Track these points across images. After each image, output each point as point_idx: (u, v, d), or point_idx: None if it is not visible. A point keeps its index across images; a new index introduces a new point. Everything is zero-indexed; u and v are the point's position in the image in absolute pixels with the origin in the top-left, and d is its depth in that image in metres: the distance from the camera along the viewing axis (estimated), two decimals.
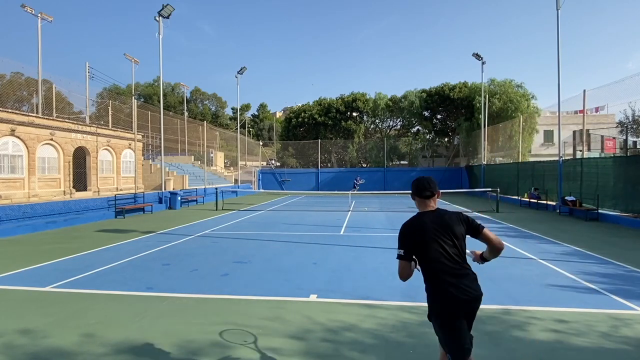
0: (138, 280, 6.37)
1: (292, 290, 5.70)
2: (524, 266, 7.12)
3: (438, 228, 2.56)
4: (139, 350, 3.78)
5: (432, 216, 2.63)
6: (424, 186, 2.70)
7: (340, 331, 4.17)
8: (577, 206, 14.90)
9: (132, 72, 28.18)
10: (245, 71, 31.32)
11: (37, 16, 20.69)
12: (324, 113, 39.51)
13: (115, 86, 44.80)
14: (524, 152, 27.12)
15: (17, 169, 16.98)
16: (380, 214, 16.30)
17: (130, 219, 15.40)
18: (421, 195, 2.71)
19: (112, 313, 4.83)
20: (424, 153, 39.24)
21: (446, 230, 2.56)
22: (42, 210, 13.41)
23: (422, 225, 2.59)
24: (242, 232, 11.65)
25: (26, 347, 3.86)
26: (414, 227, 2.62)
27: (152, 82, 56.58)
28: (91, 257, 8.16)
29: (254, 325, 4.37)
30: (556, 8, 16.69)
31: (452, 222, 2.59)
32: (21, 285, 6.12)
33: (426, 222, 2.60)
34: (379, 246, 9.18)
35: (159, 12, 19.48)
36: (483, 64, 27.48)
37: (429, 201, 2.71)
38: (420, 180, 2.75)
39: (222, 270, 7.02)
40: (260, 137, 65.44)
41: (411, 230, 2.61)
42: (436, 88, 37.74)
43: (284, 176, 36.28)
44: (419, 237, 2.57)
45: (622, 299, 5.21)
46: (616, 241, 9.71)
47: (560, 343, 3.89)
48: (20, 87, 24.67)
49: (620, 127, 18.74)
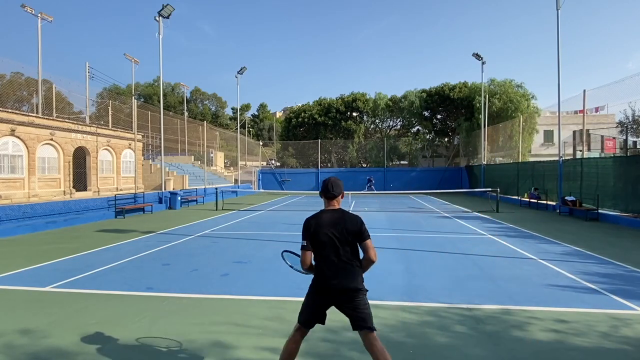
0: (138, 280, 6.37)
1: (292, 290, 5.70)
2: (524, 266, 7.12)
3: (333, 225, 2.94)
4: (139, 350, 3.78)
5: (332, 214, 3.02)
6: (327, 189, 3.08)
7: (340, 331, 4.17)
8: (577, 206, 14.90)
9: (132, 72, 28.21)
10: (245, 71, 31.32)
11: (37, 16, 20.69)
12: (324, 113, 39.50)
13: (115, 86, 44.82)
14: (524, 152, 27.11)
15: (17, 169, 16.98)
16: (380, 214, 16.30)
17: (130, 219, 15.40)
18: (326, 196, 3.11)
19: (112, 313, 4.83)
20: (424, 153, 39.24)
21: (340, 228, 2.93)
22: (42, 210, 13.41)
23: (320, 221, 2.98)
24: (242, 232, 11.65)
25: (26, 347, 3.86)
26: (314, 221, 3.00)
27: (152, 82, 56.61)
28: (91, 257, 8.16)
29: (254, 325, 4.37)
30: (556, 8, 16.69)
31: (348, 222, 2.96)
32: (21, 285, 6.11)
33: (324, 219, 2.99)
34: (378, 246, 9.17)
35: (159, 12, 19.47)
36: (483, 64, 27.49)
37: (332, 201, 3.10)
38: (326, 183, 3.12)
39: (222, 270, 7.02)
40: (260, 137, 65.45)
41: (311, 224, 2.99)
42: (436, 88, 37.73)
43: (284, 176, 36.28)
44: (314, 230, 2.95)
45: (622, 299, 5.22)
46: (616, 241, 9.71)
47: (560, 343, 3.89)
48: (20, 87, 24.67)
49: (620, 127, 18.75)
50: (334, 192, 3.07)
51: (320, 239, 2.94)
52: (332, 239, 2.92)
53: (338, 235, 2.92)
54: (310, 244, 2.97)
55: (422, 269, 6.88)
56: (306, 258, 2.97)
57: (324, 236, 2.93)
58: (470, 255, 8.01)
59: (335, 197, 3.09)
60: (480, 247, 8.97)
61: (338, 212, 3.03)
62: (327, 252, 2.92)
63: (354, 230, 2.93)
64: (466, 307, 4.94)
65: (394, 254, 8.33)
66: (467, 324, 4.39)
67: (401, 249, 8.80)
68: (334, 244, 2.91)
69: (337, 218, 2.98)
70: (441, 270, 6.82)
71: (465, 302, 5.09)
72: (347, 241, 2.92)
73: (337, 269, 2.90)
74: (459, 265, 7.22)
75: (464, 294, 5.45)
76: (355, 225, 2.95)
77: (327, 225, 2.94)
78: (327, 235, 2.92)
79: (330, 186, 3.08)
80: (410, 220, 14.31)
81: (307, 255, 2.97)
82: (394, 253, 8.40)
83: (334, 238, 2.91)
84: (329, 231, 2.93)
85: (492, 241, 9.75)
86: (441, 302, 5.10)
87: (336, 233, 2.92)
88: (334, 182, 3.11)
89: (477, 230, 11.59)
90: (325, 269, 2.93)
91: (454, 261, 7.54)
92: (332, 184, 3.09)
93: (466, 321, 4.47)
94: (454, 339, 3.99)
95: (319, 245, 2.95)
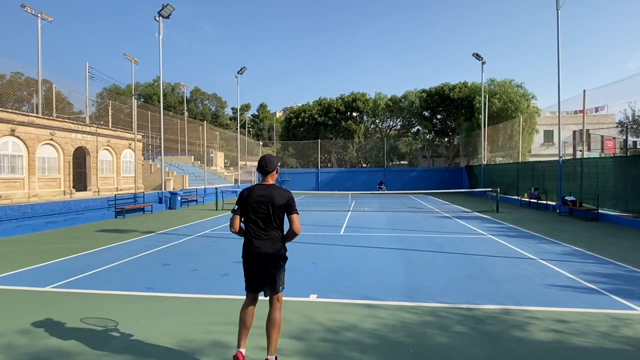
0: (138, 280, 6.37)
1: (292, 290, 5.69)
2: (524, 266, 7.12)
3: (261, 198, 3.30)
4: (139, 350, 3.78)
5: (263, 188, 3.36)
6: (262, 165, 3.41)
7: (341, 331, 4.17)
8: (577, 206, 14.91)
9: (132, 72, 28.21)
10: (245, 71, 31.30)
11: (37, 16, 20.70)
12: (324, 113, 39.49)
13: (115, 86, 44.82)
14: (524, 152, 27.11)
15: (17, 169, 16.98)
16: (380, 214, 16.31)
17: (130, 219, 15.39)
18: (260, 172, 3.44)
19: (112, 313, 4.82)
20: (424, 153, 39.24)
21: (267, 201, 3.29)
22: (42, 210, 13.41)
23: (252, 193, 3.34)
24: None
25: (26, 347, 3.86)
26: (247, 192, 3.37)
27: (152, 82, 56.59)
28: (91, 257, 8.16)
29: (254, 325, 4.36)
30: (556, 8, 16.69)
31: (277, 197, 3.31)
32: (21, 285, 6.11)
33: (256, 191, 3.34)
34: (379, 246, 9.18)
35: (159, 12, 19.48)
36: (483, 64, 27.48)
37: (267, 177, 3.42)
38: (261, 159, 3.44)
39: (222, 270, 7.02)
40: (260, 137, 65.45)
41: (244, 195, 3.37)
42: (436, 88, 37.71)
43: (284, 176, 36.25)
44: (245, 200, 3.33)
45: (622, 299, 5.22)
46: (616, 241, 9.71)
47: (560, 343, 3.89)
48: (20, 87, 24.67)
49: (620, 127, 18.75)
50: (267, 168, 3.39)
51: (248, 209, 3.31)
52: (259, 210, 3.29)
53: (265, 207, 3.28)
54: (240, 212, 3.35)
55: (422, 269, 6.87)
56: (234, 222, 3.37)
57: (252, 207, 3.30)
58: (471, 255, 8.01)
59: (269, 172, 3.40)
60: (480, 247, 8.97)
61: (269, 187, 3.37)
62: (253, 221, 3.32)
63: (281, 204, 3.30)
64: (466, 307, 4.94)
65: (394, 254, 8.33)
66: (467, 324, 4.39)
67: (401, 249, 8.80)
68: (260, 215, 3.30)
69: (267, 192, 3.32)
70: (441, 270, 6.81)
71: (465, 302, 5.09)
72: (273, 213, 3.30)
73: (261, 237, 3.31)
74: (459, 265, 7.22)
75: (464, 294, 5.45)
76: (282, 199, 3.31)
77: (257, 197, 3.30)
78: (254, 206, 3.30)
79: (265, 163, 3.39)
80: (410, 220, 14.31)
81: (235, 219, 3.37)
82: (394, 253, 8.40)
83: (261, 210, 3.29)
84: (257, 204, 3.29)
85: (492, 241, 9.75)
86: (441, 302, 5.10)
87: (263, 205, 3.29)
88: (269, 159, 3.43)
89: (477, 230, 11.59)
90: (250, 237, 3.33)
91: (454, 261, 7.54)
92: (267, 160, 3.41)
93: (466, 321, 4.47)
94: (454, 339, 3.99)
95: (247, 215, 3.34)
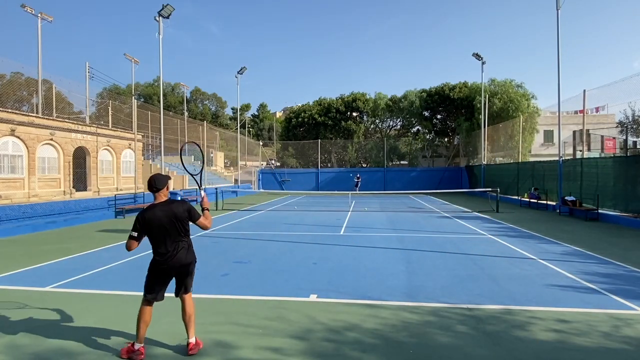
0: (138, 280, 6.34)
1: (292, 290, 5.70)
2: (525, 266, 7.11)
3: (163, 215, 3.53)
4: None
5: (161, 206, 3.58)
6: (151, 185, 3.63)
7: (342, 331, 4.16)
8: (577, 206, 14.90)
9: (132, 72, 28.17)
10: (245, 71, 31.31)
11: (37, 16, 20.66)
12: (324, 113, 39.50)
13: (115, 86, 44.76)
14: (524, 152, 27.12)
15: (17, 169, 16.96)
16: (380, 214, 16.30)
17: (131, 219, 15.35)
18: (150, 190, 3.66)
19: (112, 313, 4.82)
20: (424, 153, 39.23)
21: (170, 216, 3.54)
22: (42, 210, 13.40)
23: (151, 214, 3.53)
24: (242, 232, 11.64)
25: (27, 347, 3.86)
26: (147, 215, 3.53)
27: (152, 82, 56.53)
28: (91, 257, 8.16)
29: (255, 325, 4.37)
30: (556, 8, 16.69)
31: (176, 210, 3.57)
32: (21, 285, 6.11)
33: (155, 211, 3.55)
34: (379, 246, 9.17)
35: (159, 12, 19.45)
36: (483, 64, 27.49)
37: (159, 194, 3.64)
38: (150, 179, 3.65)
39: (222, 270, 7.01)
40: (260, 137, 65.42)
41: (144, 218, 3.53)
42: (436, 88, 37.72)
43: (284, 176, 36.27)
44: (148, 222, 3.52)
45: (623, 299, 5.22)
46: (616, 241, 9.71)
47: (561, 343, 3.89)
48: (20, 87, 24.62)
49: (620, 127, 18.76)
50: (157, 187, 3.62)
51: (154, 228, 3.52)
52: (164, 226, 3.52)
53: (168, 222, 3.53)
54: (144, 233, 3.55)
55: (423, 269, 6.87)
56: (131, 245, 3.56)
57: (157, 226, 3.51)
58: (471, 255, 8.00)
59: (159, 190, 3.63)
60: (480, 247, 8.97)
61: (166, 204, 3.60)
62: (163, 238, 3.54)
63: (183, 216, 3.59)
64: (467, 307, 4.93)
65: (394, 253, 8.32)
66: (468, 323, 4.39)
67: (401, 249, 8.79)
68: (166, 231, 3.53)
69: (167, 209, 3.56)
70: (442, 270, 6.81)
71: (466, 302, 5.09)
72: (178, 225, 3.57)
73: (173, 249, 3.57)
74: (459, 265, 7.21)
75: (464, 294, 5.45)
76: (181, 211, 3.59)
77: (158, 216, 3.52)
78: (159, 224, 3.51)
79: (154, 182, 3.62)
80: (411, 220, 14.31)
81: (133, 244, 3.56)
82: (394, 253, 8.40)
83: (166, 225, 3.52)
84: (160, 221, 3.51)
85: (492, 241, 9.75)
86: (442, 302, 5.10)
87: (166, 221, 3.52)
88: (157, 178, 3.64)
89: (477, 230, 11.59)
90: (164, 252, 3.55)
91: (454, 261, 7.53)
92: (155, 180, 3.63)
93: (467, 321, 4.46)
94: (455, 339, 3.98)
95: (155, 234, 3.54)
